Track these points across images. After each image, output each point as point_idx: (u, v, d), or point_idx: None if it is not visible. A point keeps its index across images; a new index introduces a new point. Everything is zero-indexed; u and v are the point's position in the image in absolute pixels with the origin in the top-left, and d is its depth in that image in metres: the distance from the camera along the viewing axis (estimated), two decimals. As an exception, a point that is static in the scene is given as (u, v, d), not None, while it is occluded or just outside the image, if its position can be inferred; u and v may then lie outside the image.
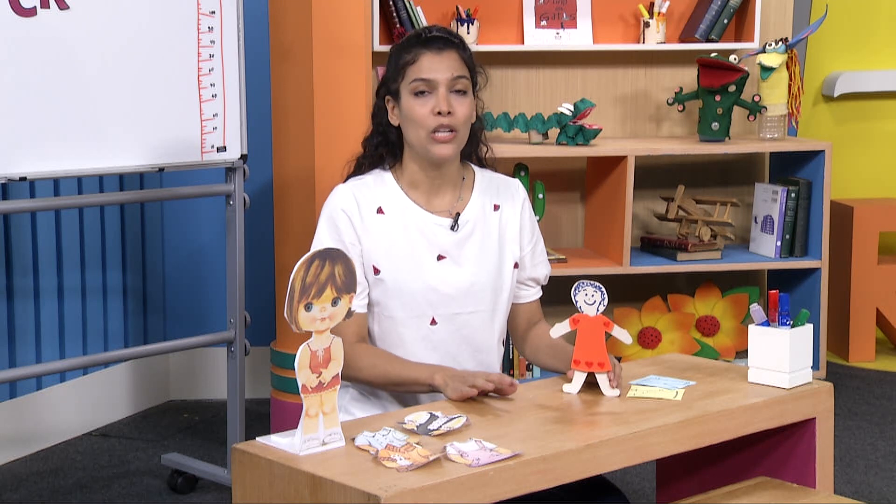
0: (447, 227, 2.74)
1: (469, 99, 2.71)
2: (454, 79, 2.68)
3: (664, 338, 4.88)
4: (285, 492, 2.12)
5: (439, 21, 4.76)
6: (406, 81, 2.69)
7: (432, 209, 2.75)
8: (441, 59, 2.68)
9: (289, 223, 4.25)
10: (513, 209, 2.82)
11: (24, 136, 3.36)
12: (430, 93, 2.67)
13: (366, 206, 2.71)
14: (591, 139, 4.61)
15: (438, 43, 2.70)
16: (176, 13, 3.63)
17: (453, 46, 2.71)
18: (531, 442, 2.24)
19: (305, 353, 2.15)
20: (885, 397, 4.90)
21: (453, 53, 2.70)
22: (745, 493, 2.58)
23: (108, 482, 4.03)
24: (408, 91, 2.69)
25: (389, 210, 2.72)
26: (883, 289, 5.38)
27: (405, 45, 2.73)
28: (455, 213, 2.75)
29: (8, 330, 4.19)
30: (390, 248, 2.70)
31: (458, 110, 2.67)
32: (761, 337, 2.59)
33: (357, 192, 2.73)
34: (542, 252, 2.88)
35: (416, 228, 2.72)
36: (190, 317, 4.88)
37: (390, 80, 2.74)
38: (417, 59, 2.69)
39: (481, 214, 2.78)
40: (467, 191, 2.79)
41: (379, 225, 2.71)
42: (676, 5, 4.95)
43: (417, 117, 2.67)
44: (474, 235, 2.75)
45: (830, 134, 5.62)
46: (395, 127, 2.75)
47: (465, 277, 2.72)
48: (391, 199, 2.73)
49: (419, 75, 2.67)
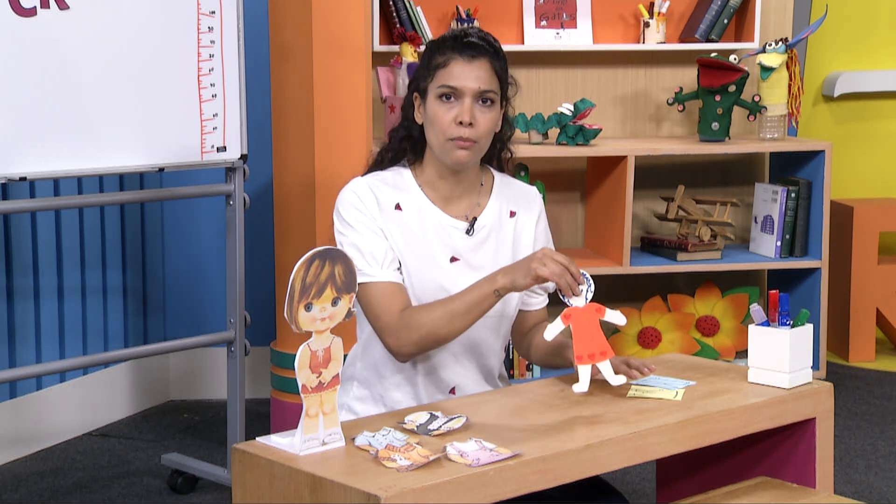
0: (463, 230, 2.73)
1: (495, 110, 2.67)
2: (482, 91, 2.64)
3: (664, 338, 4.88)
4: (285, 492, 2.12)
5: (439, 21, 4.77)
6: (434, 83, 2.66)
7: (449, 211, 2.73)
8: (472, 68, 2.64)
9: (289, 223, 4.25)
10: (529, 218, 2.81)
11: (24, 136, 3.36)
12: (455, 99, 2.64)
13: (384, 199, 2.69)
14: (591, 139, 4.61)
15: (472, 50, 2.66)
16: (176, 13, 3.63)
17: (487, 55, 2.67)
18: (531, 442, 2.24)
19: (305, 353, 2.15)
20: (885, 397, 4.90)
21: (486, 63, 2.66)
22: (745, 493, 2.58)
23: (108, 482, 4.03)
24: (434, 93, 2.66)
25: (407, 207, 2.71)
26: (883, 289, 5.38)
27: (440, 46, 2.70)
28: (472, 217, 2.74)
29: (8, 330, 4.19)
30: (406, 245, 2.68)
31: (480, 122, 2.64)
32: (761, 337, 2.59)
33: (374, 187, 2.70)
34: None
35: (431, 228, 2.71)
36: (190, 317, 4.88)
37: (420, 78, 2.71)
38: (448, 64, 2.65)
39: (497, 220, 2.77)
40: (485, 196, 2.78)
41: (397, 220, 2.69)
42: (676, 5, 4.96)
43: (439, 122, 2.64)
44: (489, 241, 2.74)
45: (830, 134, 5.62)
46: (418, 124, 2.74)
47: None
48: (409, 196, 2.72)
49: (447, 81, 2.64)
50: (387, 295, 2.61)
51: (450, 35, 2.72)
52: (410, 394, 2.73)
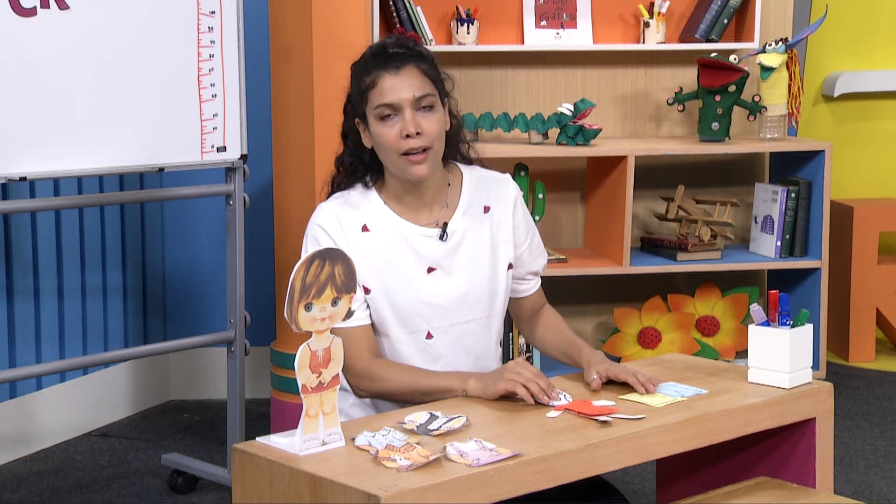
0: (436, 237, 2.69)
1: (437, 112, 2.64)
2: (417, 99, 2.60)
3: (664, 338, 4.88)
4: (285, 492, 2.12)
5: (439, 21, 4.77)
6: (370, 106, 2.62)
7: (419, 221, 2.70)
8: (401, 79, 2.60)
9: (289, 223, 4.25)
10: (504, 209, 2.77)
11: (24, 136, 3.36)
12: (395, 115, 2.60)
13: (349, 224, 2.66)
14: (591, 139, 4.61)
15: (396, 61, 2.61)
16: (176, 13, 3.63)
17: (411, 60, 2.63)
18: (531, 442, 2.24)
19: (305, 353, 2.15)
20: (885, 397, 4.90)
21: (412, 69, 2.62)
22: (745, 493, 2.58)
23: (108, 482, 4.03)
24: (373, 116, 2.62)
25: (375, 227, 2.67)
26: (883, 289, 5.38)
27: (364, 66, 2.65)
28: (443, 222, 2.71)
29: (8, 330, 4.19)
30: (378, 266, 2.65)
31: (426, 128, 2.60)
32: (761, 337, 2.59)
33: (340, 212, 2.67)
34: (539, 244, 2.85)
35: (403, 243, 2.68)
36: (190, 317, 4.88)
37: (356, 104, 2.67)
38: (378, 83, 2.61)
39: (471, 220, 2.73)
40: (454, 195, 2.74)
41: (364, 243, 2.66)
42: (676, 5, 4.95)
43: (387, 142, 2.61)
44: (465, 243, 2.71)
45: (830, 134, 5.62)
46: (368, 149, 2.69)
47: (458, 287, 2.69)
48: (376, 215, 2.68)
49: (381, 100, 2.60)
50: (352, 340, 2.59)
51: (370, 52, 2.67)
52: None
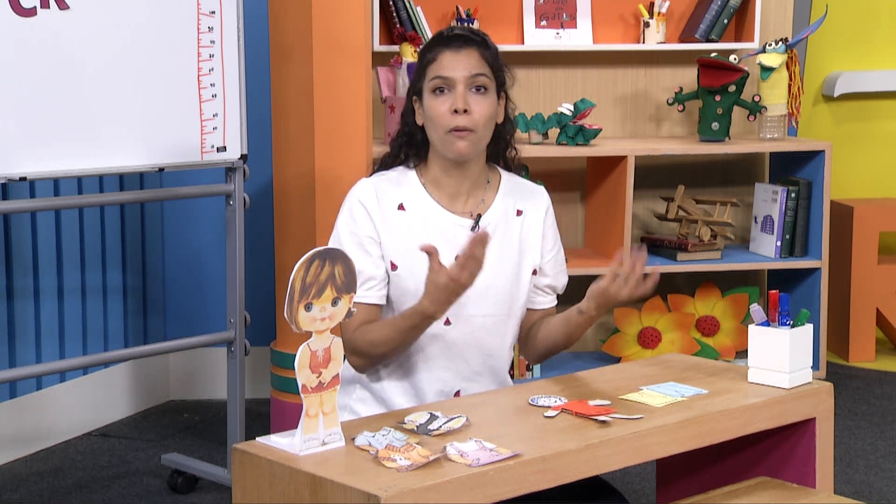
0: (467, 227, 2.73)
1: (490, 98, 2.70)
2: (472, 76, 2.67)
3: (664, 338, 4.88)
4: (285, 492, 2.12)
5: (439, 21, 4.77)
6: (427, 80, 2.70)
7: (454, 209, 2.74)
8: (460, 58, 2.68)
9: (289, 223, 4.25)
10: (536, 216, 2.81)
11: (24, 136, 3.36)
12: (448, 90, 2.67)
13: (387, 201, 2.71)
14: (591, 139, 4.61)
15: (458, 41, 2.70)
16: (176, 13, 3.63)
17: (474, 44, 2.71)
18: (531, 442, 2.24)
19: (305, 353, 2.15)
20: (885, 397, 4.90)
21: (473, 51, 2.70)
22: (745, 493, 2.58)
23: (108, 482, 4.03)
24: (428, 89, 2.70)
25: (410, 207, 2.72)
26: (883, 289, 5.38)
27: (428, 45, 2.75)
28: (477, 214, 2.75)
29: (8, 330, 4.19)
30: (409, 246, 2.69)
31: (475, 109, 2.66)
32: (761, 337, 2.59)
33: (379, 187, 2.72)
34: (563, 262, 2.87)
35: (435, 227, 2.71)
36: (190, 317, 4.88)
37: (415, 80, 2.75)
38: (437, 58, 2.69)
39: (503, 218, 2.77)
40: (491, 193, 2.78)
41: (399, 221, 2.71)
42: (676, 5, 4.96)
43: (435, 115, 2.67)
44: (494, 239, 2.73)
45: (830, 134, 5.62)
46: (420, 127, 2.75)
47: (482, 280, 2.68)
48: (413, 196, 2.73)
49: (438, 73, 2.68)
50: None
51: (437, 34, 2.77)
52: (413, 397, 2.72)
